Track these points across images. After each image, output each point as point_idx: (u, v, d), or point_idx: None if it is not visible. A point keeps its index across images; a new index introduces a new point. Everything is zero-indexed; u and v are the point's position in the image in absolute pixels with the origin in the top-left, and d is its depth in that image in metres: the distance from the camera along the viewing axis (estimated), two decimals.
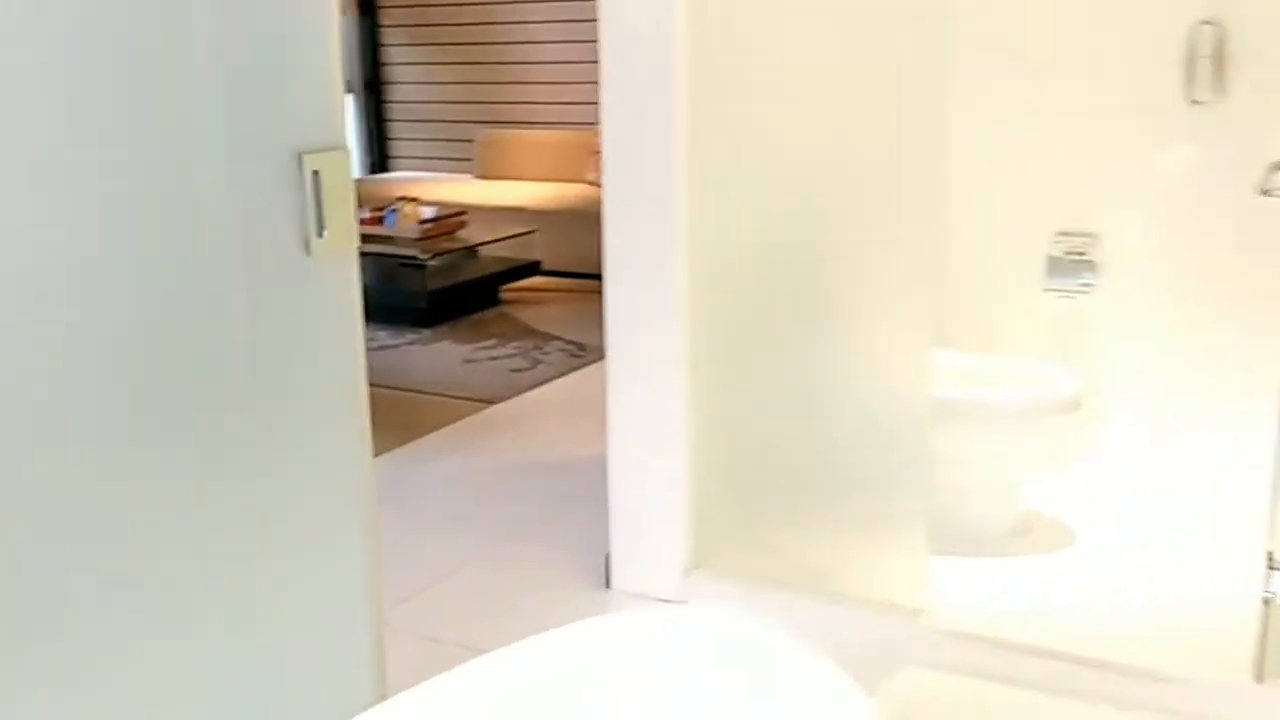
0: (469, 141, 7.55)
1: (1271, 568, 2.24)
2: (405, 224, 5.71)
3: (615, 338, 2.78)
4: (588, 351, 5.04)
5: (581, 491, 3.48)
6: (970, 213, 3.29)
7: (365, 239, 5.73)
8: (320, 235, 1.69)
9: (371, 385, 4.97)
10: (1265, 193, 2.46)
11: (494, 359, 5.06)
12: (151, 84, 1.47)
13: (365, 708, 1.42)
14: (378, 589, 1.86)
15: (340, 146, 1.70)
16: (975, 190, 3.28)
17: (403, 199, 5.83)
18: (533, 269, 6.17)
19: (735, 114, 2.60)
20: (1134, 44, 3.11)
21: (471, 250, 6.08)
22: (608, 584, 2.89)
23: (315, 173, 1.67)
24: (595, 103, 2.63)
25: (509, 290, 6.17)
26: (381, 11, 7.97)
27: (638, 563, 2.86)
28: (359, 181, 7.52)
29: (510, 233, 6.14)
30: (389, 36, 7.98)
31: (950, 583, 2.72)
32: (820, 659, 1.27)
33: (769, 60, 2.55)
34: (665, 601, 2.79)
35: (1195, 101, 3.05)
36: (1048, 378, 2.92)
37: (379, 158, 8.15)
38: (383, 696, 1.83)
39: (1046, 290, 3.25)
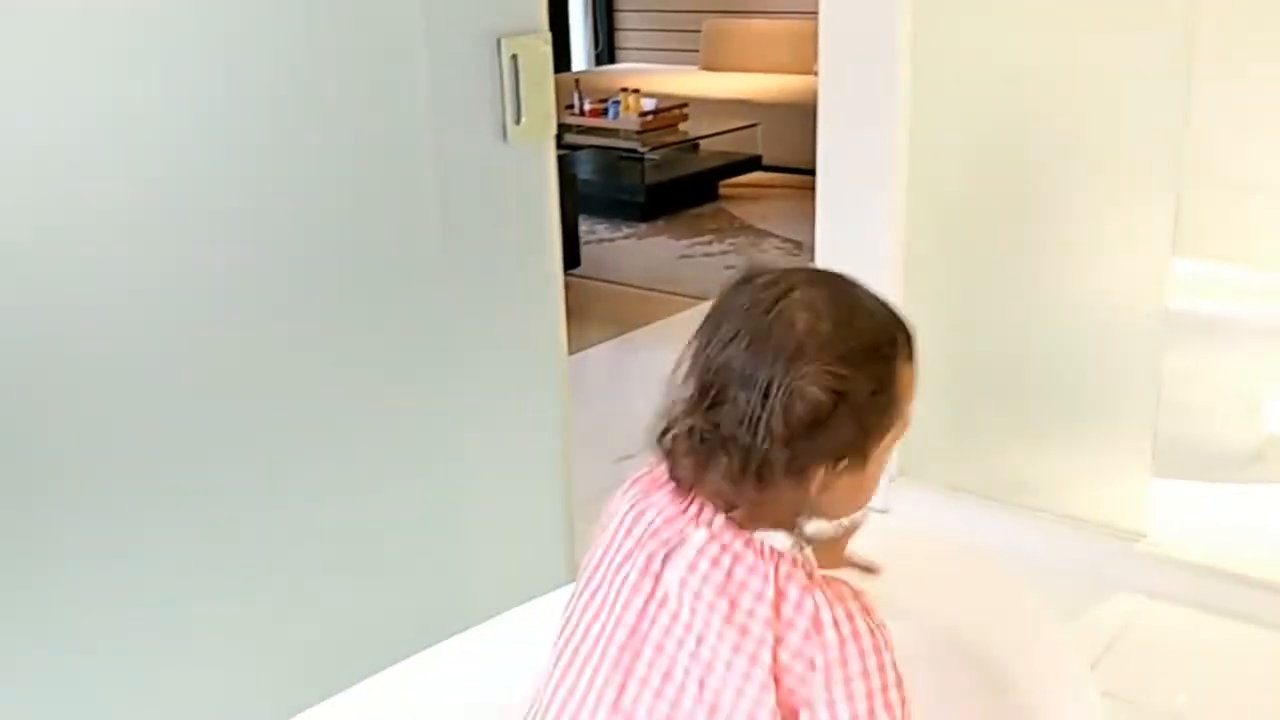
0: (696, 32, 7.42)
1: None
2: (627, 116, 5.67)
3: (825, 237, 2.68)
4: (804, 250, 4.93)
5: None
6: (1238, 107, 3.00)
7: (588, 131, 5.75)
8: (518, 122, 1.66)
9: (586, 278, 5.03)
10: None
11: (709, 255, 5.01)
12: None
13: (555, 584, 1.42)
14: (568, 469, 1.87)
15: (539, 30, 1.66)
16: (1246, 79, 2.98)
17: (625, 90, 5.79)
18: (754, 164, 6.05)
19: (964, 22, 2.43)
20: None
21: (692, 144, 6.01)
22: None
23: (514, 57, 1.64)
24: None
25: (728, 185, 6.07)
26: None
27: None
28: (585, 72, 7.52)
29: (731, 126, 6.03)
30: None
31: (1177, 508, 2.55)
32: None
33: None
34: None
35: None
36: None
37: (607, 48, 8.11)
38: (571, 573, 1.83)
39: None
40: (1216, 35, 2.81)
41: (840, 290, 1.07)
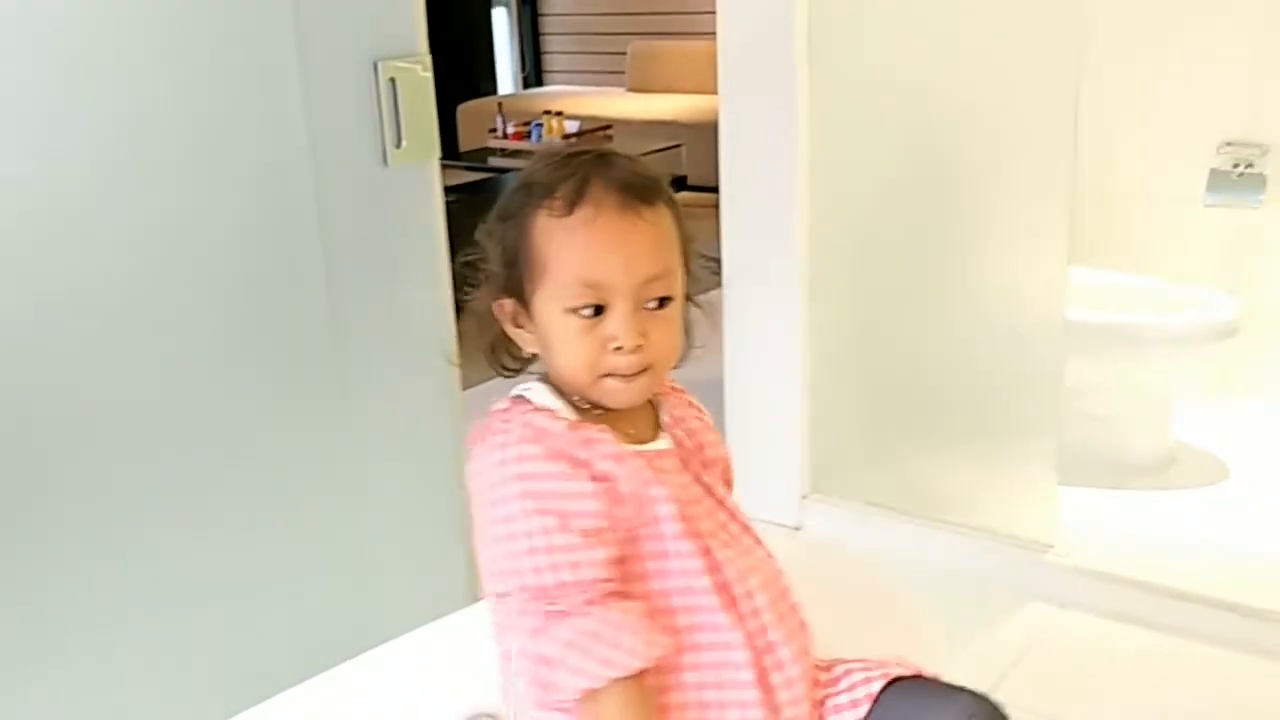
0: (623, 54, 7.44)
1: None
2: (550, 139, 5.67)
3: (731, 258, 2.68)
4: None
5: (716, 409, 3.41)
6: (1127, 121, 3.06)
7: (512, 154, 5.73)
8: (399, 146, 1.65)
9: None
10: None
11: None
12: None
13: (457, 607, 1.40)
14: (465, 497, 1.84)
15: (417, 54, 1.65)
16: (1132, 97, 3.04)
17: (548, 113, 5.79)
18: (679, 184, 6.05)
19: (859, 19, 2.45)
20: None
21: None
22: None
23: (392, 81, 1.62)
24: None
25: None
26: None
27: (755, 488, 2.76)
28: (509, 96, 7.51)
29: (655, 147, 6.03)
30: None
31: (1086, 517, 2.57)
32: None
33: None
34: (782, 526, 2.71)
35: None
36: (1203, 301, 2.70)
37: (534, 71, 8.11)
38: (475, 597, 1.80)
39: (1208, 206, 3.00)
40: (1106, 49, 2.86)
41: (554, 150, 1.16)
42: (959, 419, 2.57)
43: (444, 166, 6.03)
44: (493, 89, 7.77)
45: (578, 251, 1.08)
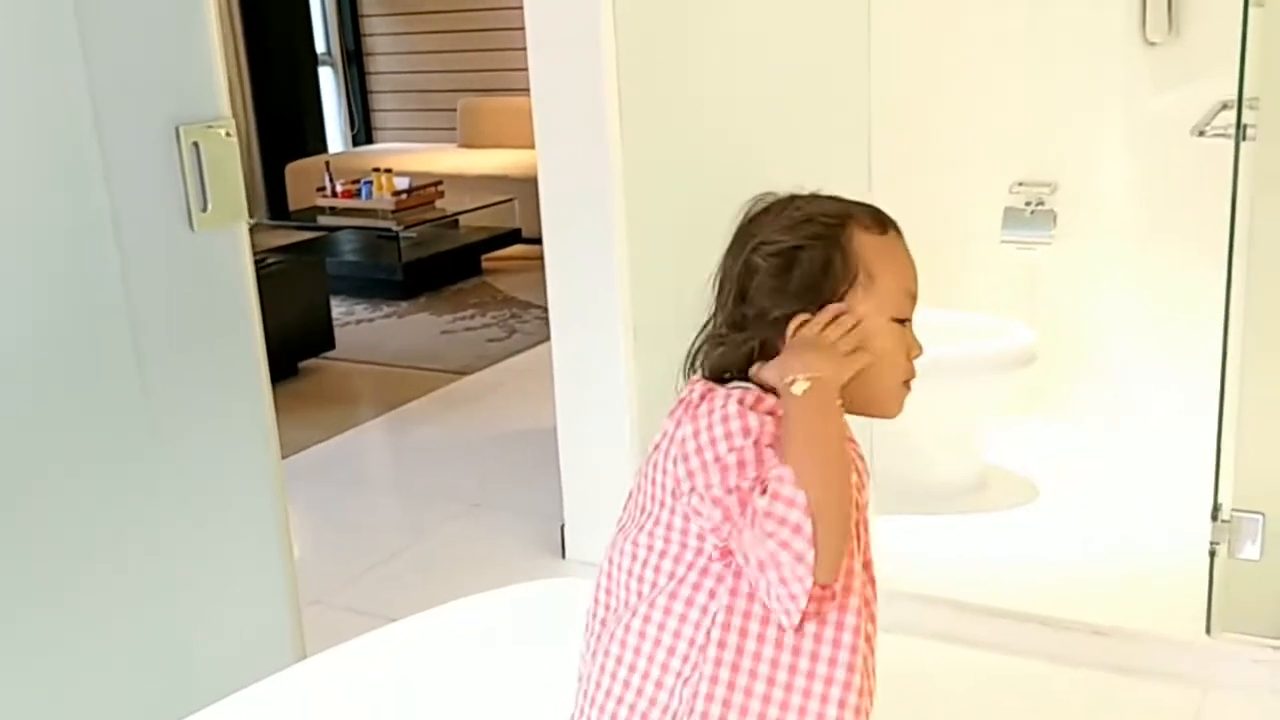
0: (452, 110, 7.48)
1: (1216, 518, 2.19)
2: (380, 196, 5.66)
3: (557, 306, 2.74)
4: None
5: (549, 458, 3.44)
6: (926, 164, 3.23)
7: (342, 212, 5.71)
8: (205, 210, 1.65)
9: (345, 360, 4.94)
10: (1200, 134, 2.39)
11: (470, 329, 5.02)
12: (9, 54, 1.43)
13: (281, 667, 1.40)
14: (290, 564, 1.84)
15: (222, 118, 1.66)
16: (930, 142, 3.21)
17: (377, 170, 5.78)
18: (514, 237, 6.11)
19: (666, 71, 2.54)
20: None
21: (451, 220, 6.03)
22: (563, 554, 2.86)
23: (195, 145, 1.63)
24: None
25: (491, 259, 6.12)
26: None
27: (591, 532, 2.82)
28: (338, 154, 7.47)
29: (488, 201, 6.09)
30: (368, 6, 7.90)
31: (902, 542, 2.68)
32: None
33: (695, 40, 2.49)
34: None
35: (1150, 43, 2.97)
36: (1002, 332, 2.86)
37: (364, 129, 8.09)
38: (301, 655, 1.80)
39: (1004, 242, 3.18)
40: (906, 94, 3.02)
41: (801, 194, 1.27)
42: None
43: (274, 226, 5.98)
44: (323, 148, 7.71)
45: (901, 264, 1.21)
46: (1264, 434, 2.15)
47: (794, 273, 1.20)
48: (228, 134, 1.67)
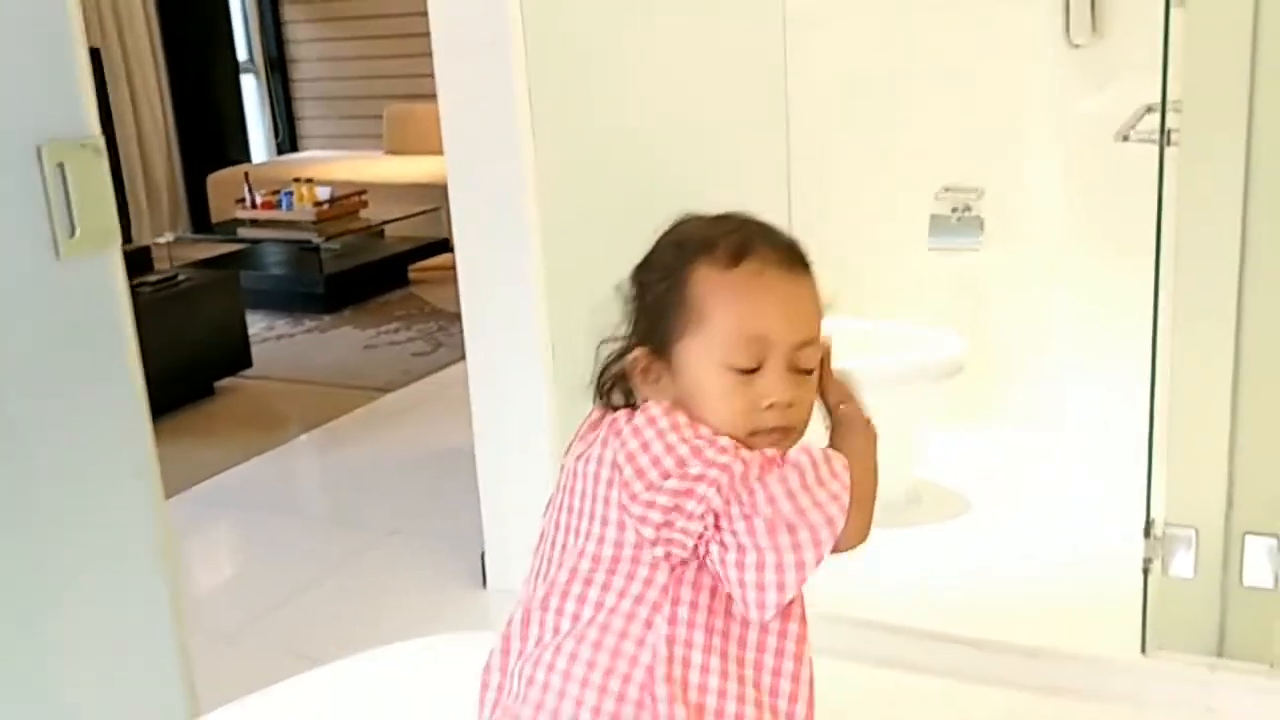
0: (378, 117, 7.34)
1: (1149, 534, 2.14)
2: (301, 207, 5.52)
3: (472, 321, 2.64)
4: None
5: (471, 480, 3.34)
6: (849, 171, 3.17)
7: (262, 224, 5.56)
8: (72, 236, 1.54)
9: (264, 378, 4.79)
10: (1124, 139, 2.35)
11: (395, 343, 4.89)
12: None
13: None
14: (179, 609, 1.72)
15: (87, 136, 1.54)
16: (853, 147, 3.15)
17: (298, 180, 5.64)
18: (442, 246, 5.98)
19: (577, 75, 2.45)
20: None
21: (376, 230, 5.90)
22: (484, 583, 2.76)
23: (60, 166, 1.51)
24: None
25: (419, 269, 5.98)
26: None
27: (513, 559, 2.72)
28: (262, 164, 7.30)
29: (415, 210, 5.96)
30: (291, 13, 7.74)
31: (828, 561, 2.61)
32: None
33: (607, 47, 2.41)
34: None
35: (1074, 45, 2.93)
36: (930, 341, 2.80)
37: (288, 138, 7.92)
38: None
39: (931, 250, 3.13)
40: (814, 97, 2.96)
41: (708, 216, 1.17)
42: None
43: (193, 240, 5.78)
44: (246, 157, 7.54)
45: (743, 303, 1.07)
46: (1194, 446, 2.10)
47: (642, 304, 1.13)
48: (97, 151, 1.55)
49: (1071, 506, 2.85)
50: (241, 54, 7.76)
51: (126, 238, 4.31)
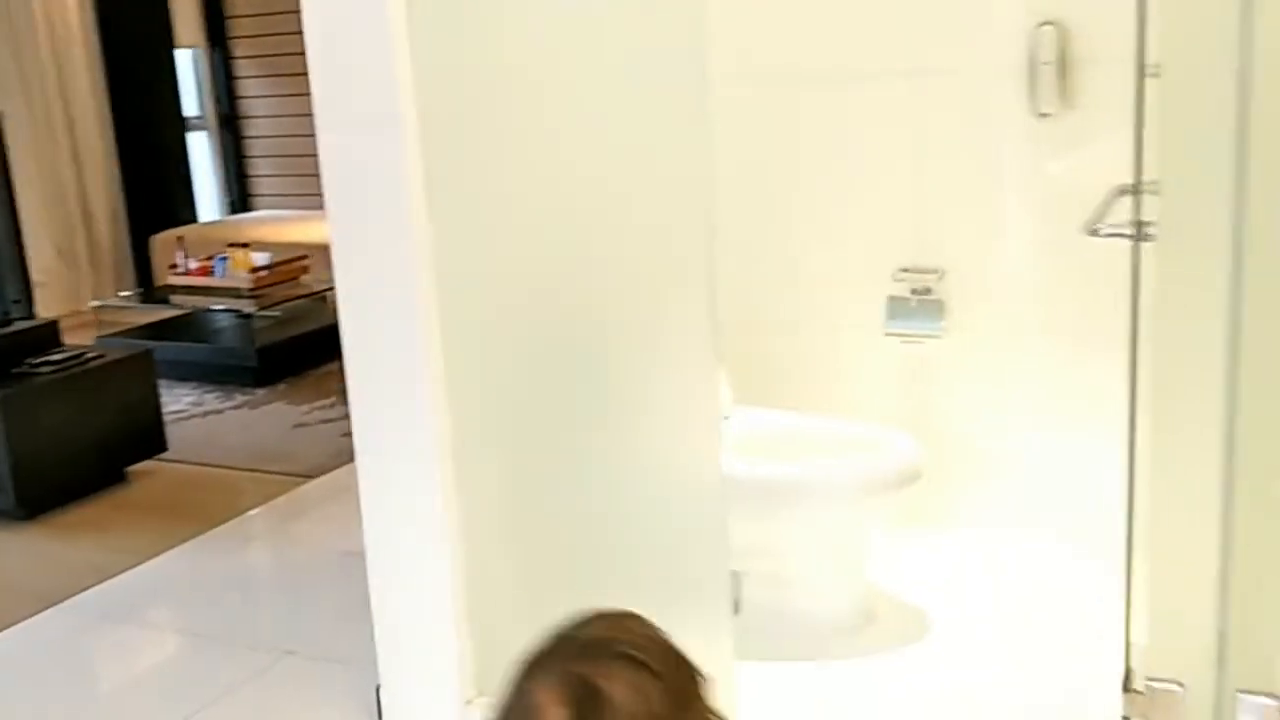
0: None
1: (1128, 688, 1.83)
2: (236, 273, 5.22)
3: (363, 431, 2.33)
4: None
5: None
6: (803, 253, 2.89)
7: (195, 290, 5.27)
8: None
9: (181, 462, 4.42)
10: (1093, 232, 2.06)
11: (328, 421, 4.58)
12: None
13: None
14: None
15: None
16: (807, 227, 2.88)
17: (233, 245, 5.34)
18: None
19: (482, 169, 2.17)
20: (970, 50, 2.71)
21: (319, 296, 5.60)
22: (379, 717, 2.43)
23: None
24: None
25: None
26: (233, 43, 7.47)
27: (411, 691, 2.41)
28: (209, 224, 7.01)
29: None
30: (243, 69, 7.48)
31: (773, 695, 2.30)
32: None
33: (518, 109, 2.13)
34: None
35: (1042, 114, 2.65)
36: (883, 443, 2.50)
37: (239, 196, 7.63)
38: None
39: (889, 335, 2.84)
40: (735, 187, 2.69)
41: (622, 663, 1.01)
42: (633, 591, 2.27)
43: (122, 306, 5.41)
44: (193, 217, 7.25)
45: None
46: (1178, 586, 1.80)
47: None
48: None
49: (1042, 627, 2.54)
50: (194, 110, 7.50)
51: (29, 313, 4.03)
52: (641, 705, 0.94)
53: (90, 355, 3.94)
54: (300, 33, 2.16)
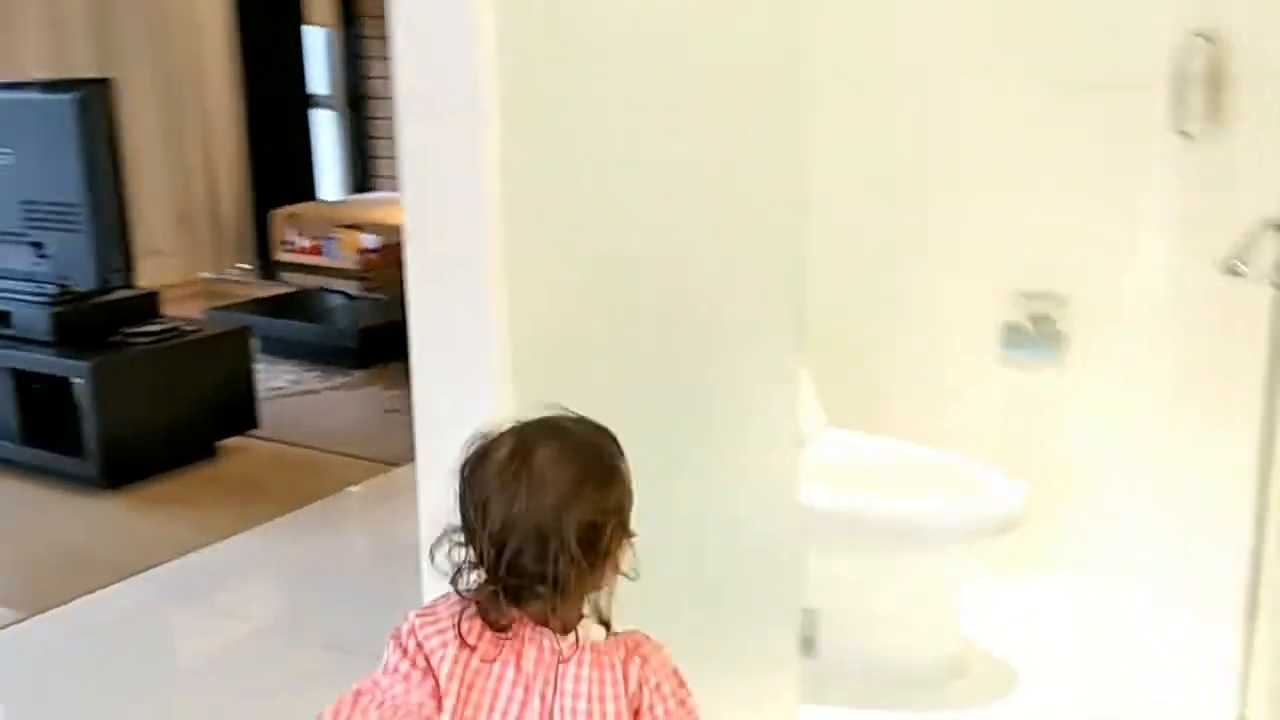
0: None
1: None
2: (345, 254, 5.19)
3: (425, 426, 2.22)
4: None
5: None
6: (909, 270, 2.70)
7: (303, 269, 5.27)
8: None
9: (272, 440, 4.36)
10: (1231, 270, 1.83)
11: None
12: None
13: None
14: None
15: None
16: (914, 241, 2.69)
17: (344, 226, 5.32)
18: None
19: (559, 190, 2.03)
20: (1110, 61, 2.49)
21: None
22: None
23: None
24: None
25: None
26: (364, 23, 7.47)
27: None
28: (327, 204, 7.02)
29: None
30: (372, 49, 7.49)
31: None
32: None
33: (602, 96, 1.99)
34: None
35: (1184, 133, 2.42)
36: (983, 486, 2.31)
37: (362, 177, 7.65)
38: None
39: (1003, 364, 2.63)
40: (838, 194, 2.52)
41: (559, 434, 1.27)
42: (702, 624, 2.13)
43: (232, 280, 5.36)
44: (313, 195, 7.29)
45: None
46: None
47: (612, 526, 1.29)
48: None
49: (1148, 685, 2.32)
50: (322, 88, 7.55)
51: (128, 282, 4.02)
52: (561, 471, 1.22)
53: (187, 328, 3.92)
54: None
